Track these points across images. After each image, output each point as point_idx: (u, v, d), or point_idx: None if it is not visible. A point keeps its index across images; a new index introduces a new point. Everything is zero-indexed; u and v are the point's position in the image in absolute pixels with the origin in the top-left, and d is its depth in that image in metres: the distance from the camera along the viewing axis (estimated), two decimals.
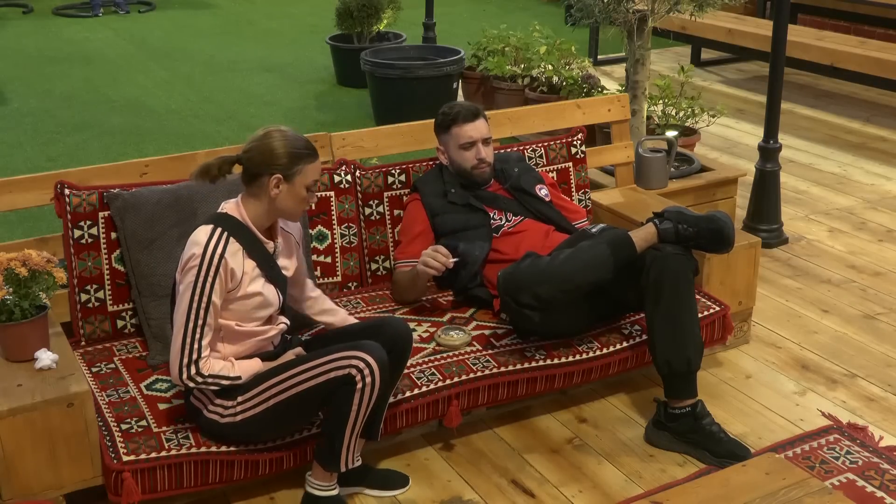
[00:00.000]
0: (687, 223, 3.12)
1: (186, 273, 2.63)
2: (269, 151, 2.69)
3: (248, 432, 2.74)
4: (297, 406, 2.71)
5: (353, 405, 2.65)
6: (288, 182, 2.70)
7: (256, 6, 11.23)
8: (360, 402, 2.65)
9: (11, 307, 2.71)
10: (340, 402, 2.66)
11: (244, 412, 2.70)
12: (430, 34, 7.91)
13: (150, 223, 3.14)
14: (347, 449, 2.72)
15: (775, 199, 4.71)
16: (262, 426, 2.74)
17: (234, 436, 2.74)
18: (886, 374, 3.60)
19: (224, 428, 2.72)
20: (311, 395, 2.68)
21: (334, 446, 2.71)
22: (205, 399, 2.73)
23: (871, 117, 6.84)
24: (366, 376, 2.63)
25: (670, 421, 3.13)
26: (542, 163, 3.90)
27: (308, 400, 2.69)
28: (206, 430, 2.76)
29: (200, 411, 2.75)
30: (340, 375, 2.63)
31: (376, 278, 3.61)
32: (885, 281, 4.35)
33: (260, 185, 2.71)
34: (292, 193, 2.72)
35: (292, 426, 2.82)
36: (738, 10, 8.34)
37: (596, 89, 5.83)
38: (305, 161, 2.72)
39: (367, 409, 2.68)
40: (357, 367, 2.63)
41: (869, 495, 2.89)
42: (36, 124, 6.72)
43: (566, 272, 3.02)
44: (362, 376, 2.63)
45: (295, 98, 7.41)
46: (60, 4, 10.84)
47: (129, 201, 3.15)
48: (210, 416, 2.72)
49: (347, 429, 2.68)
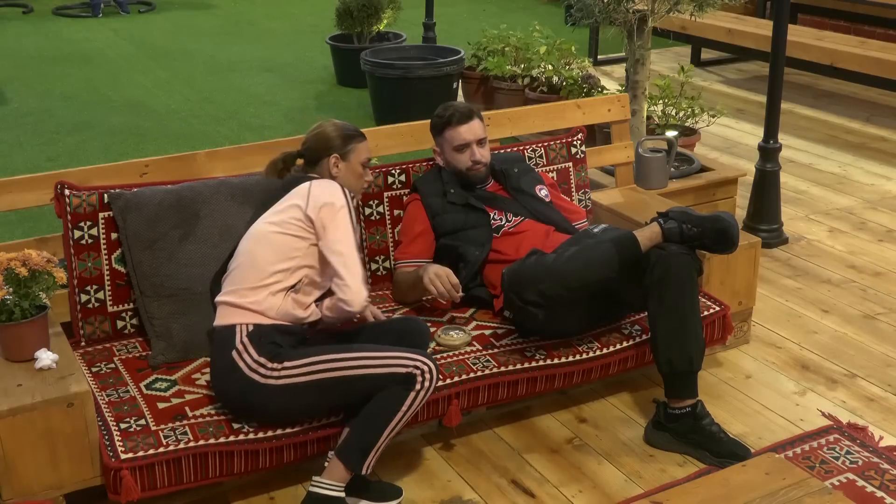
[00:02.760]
0: (691, 223, 3.12)
1: (337, 214, 2.84)
2: (324, 137, 3.07)
3: (282, 400, 2.72)
4: (343, 389, 2.72)
5: (404, 406, 2.68)
6: (345, 160, 3.05)
7: (256, 6, 11.23)
8: (411, 404, 2.68)
9: (11, 307, 2.71)
10: (390, 400, 2.68)
11: (287, 378, 2.70)
12: (430, 34, 7.91)
13: (153, 223, 3.14)
14: (377, 451, 2.70)
15: (775, 199, 4.71)
16: (299, 398, 2.72)
17: (266, 400, 2.71)
18: (886, 374, 3.60)
19: (262, 390, 2.70)
20: (362, 383, 2.70)
21: (366, 445, 2.69)
22: (247, 357, 2.72)
23: (871, 117, 6.85)
24: (426, 380, 2.69)
25: (670, 421, 3.13)
26: (542, 163, 3.90)
27: (356, 387, 2.70)
28: (240, 391, 2.72)
29: (240, 368, 2.72)
30: (402, 373, 2.68)
31: (376, 278, 3.61)
32: (885, 281, 4.35)
33: (322, 168, 3.04)
34: (350, 170, 3.06)
35: (327, 408, 2.80)
36: (738, 10, 8.34)
37: (596, 89, 5.83)
38: (356, 140, 3.08)
39: (413, 413, 2.71)
40: (421, 370, 2.69)
41: (869, 495, 2.89)
42: (36, 124, 6.72)
43: (571, 270, 3.02)
44: (423, 379, 2.68)
45: (295, 98, 7.41)
46: (60, 4, 10.83)
47: (131, 201, 3.15)
48: (250, 375, 2.71)
49: (388, 429, 2.68)
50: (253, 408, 2.75)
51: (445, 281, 3.21)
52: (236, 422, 2.80)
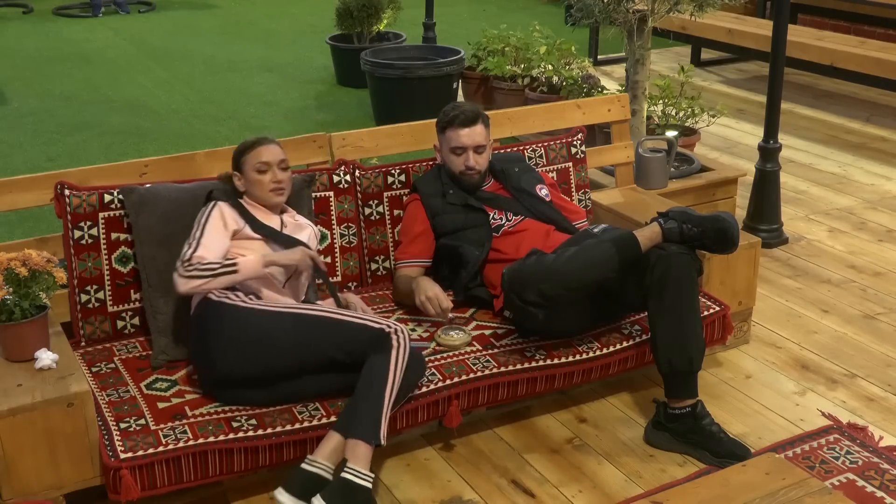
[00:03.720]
0: (691, 223, 3.12)
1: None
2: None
3: (267, 326, 2.81)
4: (319, 331, 2.81)
5: (391, 365, 2.74)
6: (244, 175, 3.14)
7: (256, 6, 11.24)
8: (395, 362, 2.75)
9: (11, 307, 2.71)
10: (376, 367, 2.74)
11: (261, 306, 2.85)
12: (430, 34, 7.91)
13: (166, 220, 3.15)
14: (384, 417, 2.73)
15: (775, 199, 4.71)
16: (280, 324, 2.82)
17: (254, 326, 2.81)
18: (886, 374, 3.60)
19: (248, 315, 2.83)
20: (338, 330, 2.79)
21: (375, 415, 2.72)
22: (219, 291, 2.90)
23: (871, 117, 6.85)
24: (400, 337, 2.77)
25: (670, 421, 3.13)
26: (542, 163, 3.90)
27: (332, 332, 2.79)
28: (230, 323, 2.83)
29: (211, 299, 2.88)
30: (376, 328, 2.78)
31: (376, 278, 3.61)
32: (885, 281, 4.35)
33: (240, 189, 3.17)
34: (249, 181, 3.13)
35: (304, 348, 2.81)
36: (738, 10, 8.34)
37: (596, 89, 5.83)
38: (247, 152, 3.14)
39: (401, 372, 2.77)
40: (392, 328, 2.79)
41: (869, 495, 2.89)
42: (36, 124, 6.73)
43: (571, 270, 3.02)
44: (397, 336, 2.77)
45: (295, 98, 7.42)
46: (60, 4, 10.83)
47: (145, 196, 3.16)
48: (233, 302, 2.87)
49: (386, 393, 2.73)
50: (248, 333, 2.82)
51: (436, 304, 3.22)
52: (235, 420, 2.80)
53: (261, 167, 3.11)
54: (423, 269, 3.49)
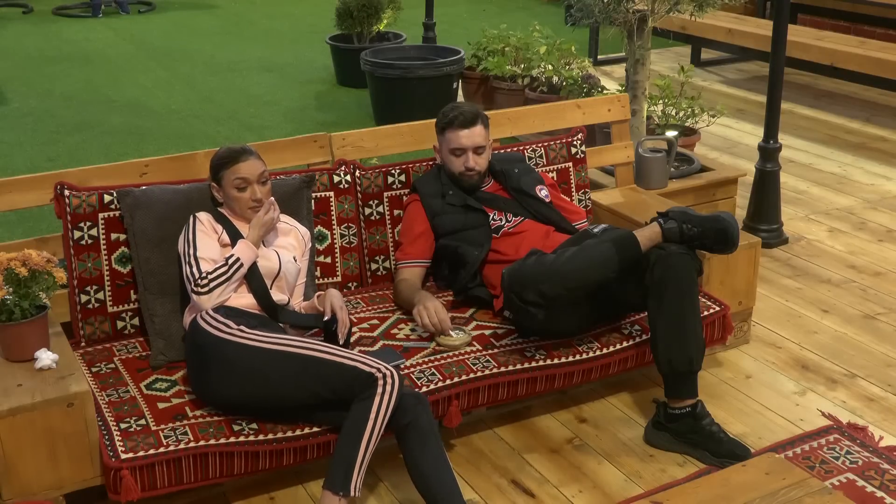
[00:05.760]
0: (691, 223, 3.12)
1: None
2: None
3: (256, 363, 2.75)
4: (308, 368, 2.72)
5: (372, 413, 2.63)
6: (222, 188, 3.10)
7: (256, 6, 11.23)
8: (377, 410, 2.64)
9: (11, 307, 2.71)
10: (357, 413, 2.65)
11: (250, 340, 2.78)
12: (430, 34, 7.91)
13: (160, 222, 3.15)
14: (360, 466, 2.64)
15: (775, 199, 4.71)
16: (263, 360, 2.75)
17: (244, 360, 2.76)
18: (886, 374, 3.60)
19: (226, 346, 2.78)
20: (326, 367, 2.70)
21: (347, 464, 2.63)
22: (210, 318, 2.86)
23: (871, 117, 6.85)
24: (388, 384, 2.66)
25: (670, 421, 3.13)
26: (542, 163, 3.90)
27: (320, 370, 2.70)
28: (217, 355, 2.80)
29: (202, 329, 2.85)
30: (365, 371, 2.68)
31: (376, 278, 3.61)
32: (885, 281, 4.35)
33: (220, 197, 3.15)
34: (226, 195, 3.10)
35: (292, 384, 2.74)
36: (738, 10, 8.34)
37: (596, 89, 5.83)
38: (226, 167, 3.08)
39: (384, 421, 2.66)
40: (383, 374, 2.67)
41: (869, 495, 2.89)
42: (36, 124, 6.72)
43: (571, 270, 3.02)
44: (384, 383, 2.66)
45: (295, 98, 7.41)
46: (60, 4, 10.83)
47: (140, 199, 3.16)
48: (220, 335, 2.81)
49: (363, 442, 2.63)
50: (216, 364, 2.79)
51: (433, 315, 3.16)
52: (236, 423, 2.80)
53: (240, 184, 3.05)
54: (424, 269, 3.49)
